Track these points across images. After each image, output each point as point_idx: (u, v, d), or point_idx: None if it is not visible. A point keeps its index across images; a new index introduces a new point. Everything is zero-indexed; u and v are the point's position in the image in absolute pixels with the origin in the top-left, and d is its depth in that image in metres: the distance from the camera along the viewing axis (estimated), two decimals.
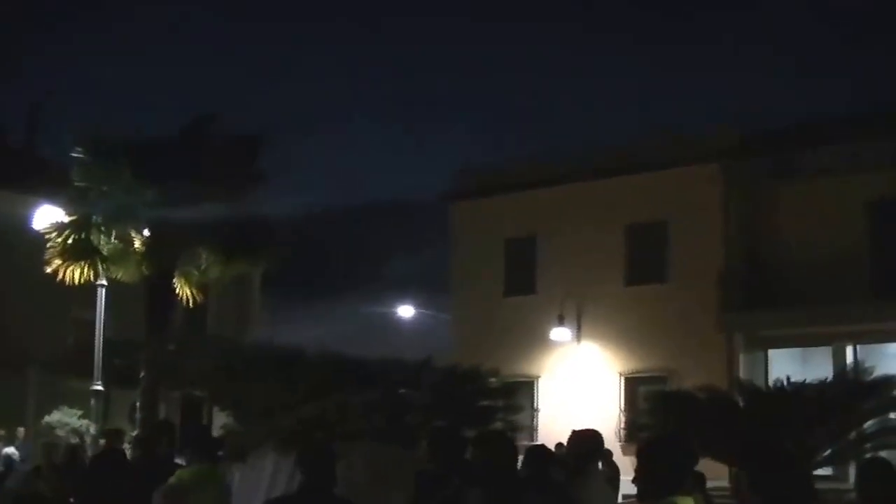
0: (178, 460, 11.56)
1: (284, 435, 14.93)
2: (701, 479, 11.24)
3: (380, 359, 27.87)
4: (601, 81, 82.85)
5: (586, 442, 9.60)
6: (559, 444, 24.65)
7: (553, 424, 31.49)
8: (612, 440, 24.21)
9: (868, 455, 16.73)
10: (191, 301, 25.27)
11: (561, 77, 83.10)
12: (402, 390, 16.50)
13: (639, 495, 6.20)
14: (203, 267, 24.89)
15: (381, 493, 12.28)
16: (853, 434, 19.04)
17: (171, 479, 10.08)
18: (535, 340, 33.97)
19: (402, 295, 43.55)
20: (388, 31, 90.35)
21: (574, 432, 9.73)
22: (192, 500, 9.90)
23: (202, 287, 25.55)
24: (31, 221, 25.44)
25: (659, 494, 5.99)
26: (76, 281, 23.53)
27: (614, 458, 23.40)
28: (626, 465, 19.49)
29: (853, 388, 19.07)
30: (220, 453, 12.62)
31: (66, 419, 33.46)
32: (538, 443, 12.77)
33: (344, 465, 9.59)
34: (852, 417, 18.85)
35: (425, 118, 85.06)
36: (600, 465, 12.25)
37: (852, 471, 28.09)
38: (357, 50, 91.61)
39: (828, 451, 18.68)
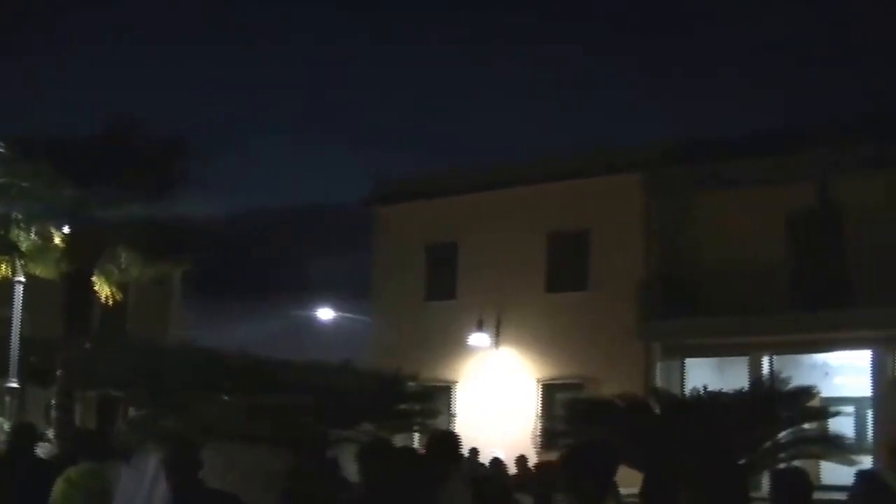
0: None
1: (163, 435, 14.85)
2: (613, 485, 11.34)
3: (299, 362, 27.93)
4: (527, 90, 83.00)
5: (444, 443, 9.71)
6: (474, 450, 24.83)
7: (470, 430, 31.59)
8: (528, 446, 24.37)
9: (782, 465, 16.92)
10: (110, 300, 25.14)
11: (488, 86, 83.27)
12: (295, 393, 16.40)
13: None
14: (123, 266, 24.77)
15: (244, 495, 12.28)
16: (769, 443, 19.25)
17: (59, 478, 10.26)
18: (454, 345, 34.02)
19: (325, 299, 43.51)
20: (319, 37, 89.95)
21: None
22: (77, 498, 10.06)
23: (122, 286, 25.43)
24: None
25: (583, 498, 6.06)
26: None
27: (529, 465, 23.56)
28: None
29: (769, 398, 19.28)
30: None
31: None
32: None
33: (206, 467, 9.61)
34: (768, 427, 19.04)
35: (350, 123, 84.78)
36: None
37: (766, 480, 28.63)
38: (286, 54, 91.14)
39: (743, 461, 18.85)
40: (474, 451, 23.56)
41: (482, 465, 24.38)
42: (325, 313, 43.20)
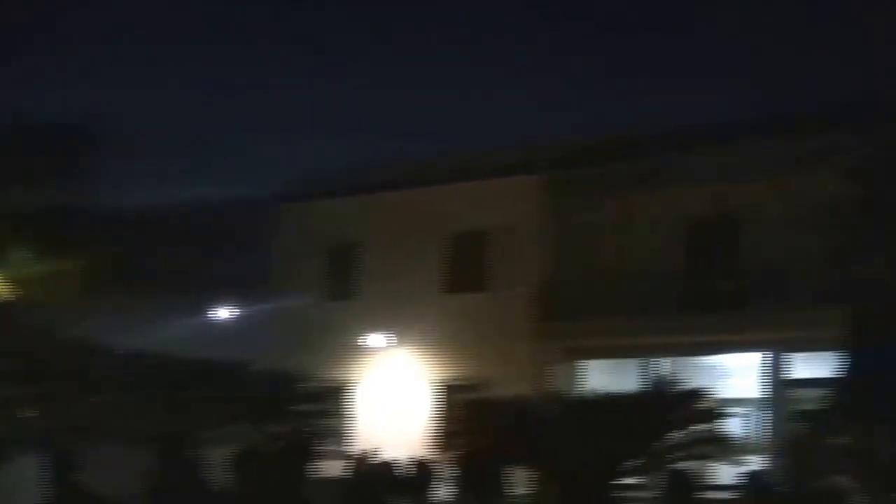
0: None
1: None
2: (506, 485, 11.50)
3: (197, 360, 27.75)
4: (427, 91, 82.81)
5: None
6: (372, 451, 24.76)
7: (366, 431, 31.57)
8: (424, 448, 24.37)
9: (672, 466, 17.05)
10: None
11: (387, 87, 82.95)
12: None
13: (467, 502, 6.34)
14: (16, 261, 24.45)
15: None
16: (660, 445, 19.44)
17: None
18: (353, 346, 33.88)
19: (226, 296, 43.10)
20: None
21: None
22: None
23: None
24: None
25: (473, 499, 6.14)
26: None
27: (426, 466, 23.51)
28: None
29: (663, 400, 19.48)
30: None
31: None
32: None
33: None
34: (661, 428, 19.23)
35: (253, 120, 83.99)
36: None
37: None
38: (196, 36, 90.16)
39: (637, 462, 19.00)
40: (371, 453, 23.48)
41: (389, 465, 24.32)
42: (228, 311, 42.83)
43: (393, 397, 33.49)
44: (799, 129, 29.08)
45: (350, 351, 33.97)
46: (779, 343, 28.73)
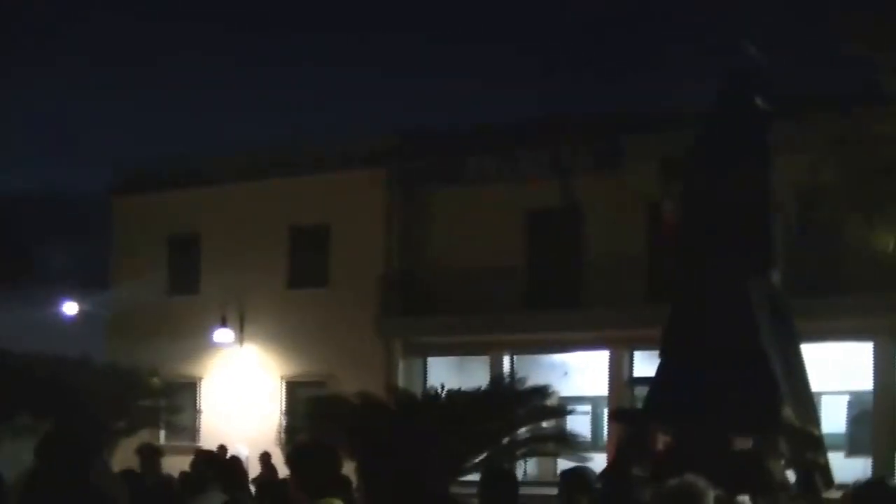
0: None
1: None
2: (347, 482, 11.30)
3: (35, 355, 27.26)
4: (271, 86, 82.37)
5: None
6: (221, 447, 24.55)
7: (216, 426, 31.31)
8: (272, 443, 24.23)
9: (494, 464, 17.08)
10: None
11: (229, 77, 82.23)
12: None
13: (293, 499, 6.39)
14: None
15: None
16: (506, 441, 19.57)
17: None
18: (199, 341, 33.45)
19: (64, 290, 42.31)
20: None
21: None
22: None
23: None
24: None
25: (312, 496, 6.18)
26: None
27: (273, 462, 23.55)
28: (286, 468, 19.57)
29: (507, 397, 19.61)
30: None
31: None
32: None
33: None
34: (505, 424, 19.35)
35: (88, 107, 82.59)
36: None
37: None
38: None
39: (481, 457, 19.07)
40: (222, 449, 23.26)
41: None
42: (69, 307, 42.10)
43: (242, 392, 33.14)
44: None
45: (199, 346, 33.54)
46: (623, 341, 29.05)
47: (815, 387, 28.65)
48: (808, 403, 13.08)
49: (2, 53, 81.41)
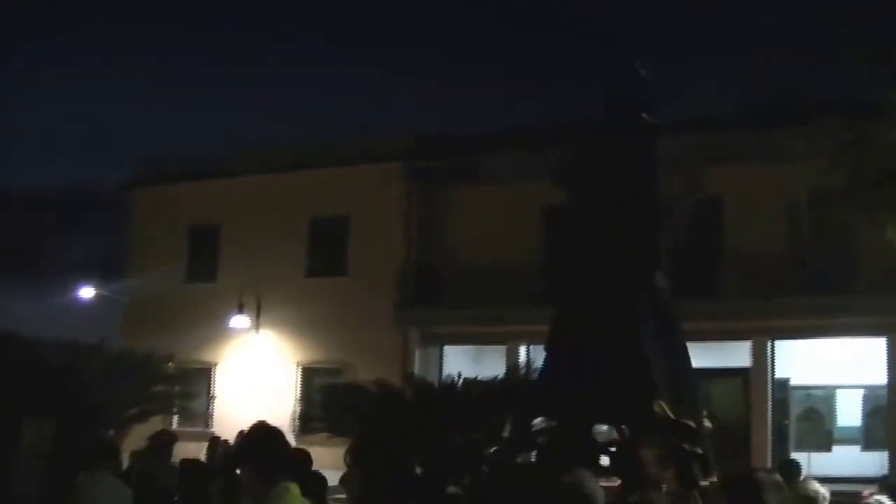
0: None
1: None
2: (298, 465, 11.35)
3: (51, 340, 27.28)
4: (296, 74, 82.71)
5: None
6: (240, 433, 24.64)
7: (230, 412, 31.34)
8: (287, 430, 24.28)
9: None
10: None
11: (255, 73, 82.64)
12: None
13: (248, 485, 6.44)
14: None
15: None
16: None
17: None
18: (215, 328, 33.61)
19: (85, 278, 42.52)
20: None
21: None
22: None
23: None
24: None
25: (271, 479, 6.24)
26: None
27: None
28: None
29: (522, 385, 19.60)
30: None
31: None
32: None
33: None
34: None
35: (116, 104, 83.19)
36: None
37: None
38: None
39: (497, 447, 19.09)
40: (241, 435, 23.28)
41: None
42: (86, 292, 42.27)
43: (257, 379, 33.22)
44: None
45: (215, 332, 33.63)
46: None
47: (831, 381, 28.90)
48: (689, 398, 13.31)
49: (28, 49, 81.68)
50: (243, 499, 7.05)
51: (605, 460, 12.89)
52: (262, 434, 6.85)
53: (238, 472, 7.22)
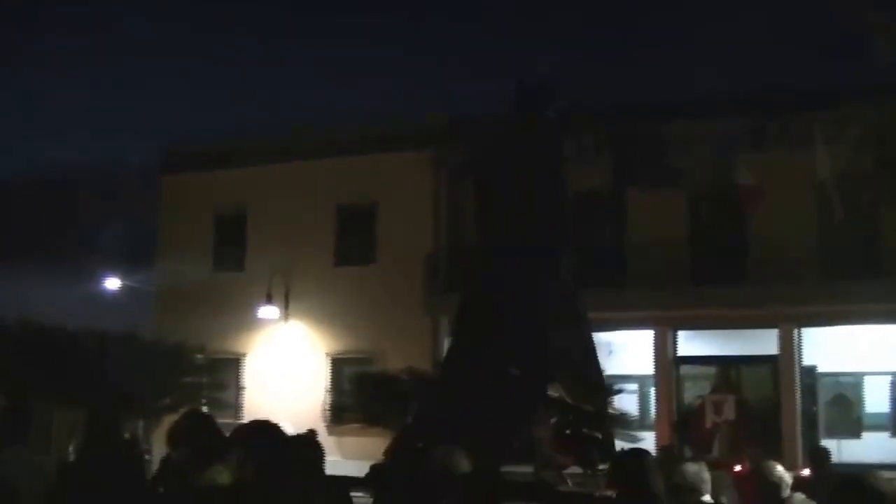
0: None
1: None
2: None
3: (81, 330, 27.43)
4: (320, 65, 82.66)
5: None
6: (238, 427, 24.79)
7: (259, 403, 31.42)
8: (317, 420, 24.38)
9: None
10: None
11: (280, 56, 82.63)
12: None
13: (188, 470, 6.76)
14: None
15: None
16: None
17: None
18: (243, 318, 33.58)
19: (112, 266, 42.62)
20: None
21: None
22: None
23: None
24: None
25: (200, 466, 6.39)
26: None
27: (319, 439, 23.54)
28: (332, 446, 19.70)
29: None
30: None
31: None
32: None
33: None
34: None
35: (136, 86, 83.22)
36: None
37: None
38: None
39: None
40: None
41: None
42: (112, 282, 42.40)
43: (287, 369, 33.26)
44: None
45: (243, 322, 33.67)
46: (666, 320, 29.32)
47: (859, 367, 28.87)
48: (589, 383, 13.47)
49: (54, 33, 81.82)
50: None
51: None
52: (194, 422, 6.98)
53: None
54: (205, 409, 31.31)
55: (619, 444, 14.00)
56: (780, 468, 10.14)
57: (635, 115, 29.47)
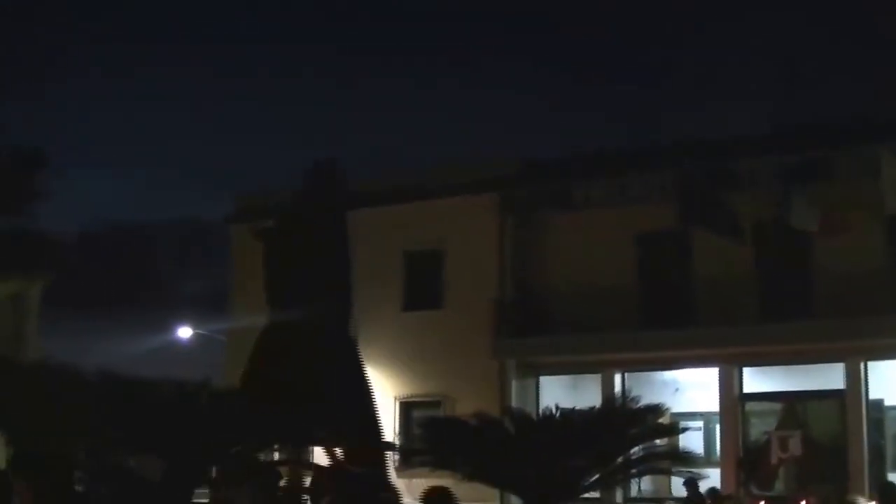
0: None
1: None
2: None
3: (157, 379, 27.85)
4: (387, 110, 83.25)
5: None
6: (315, 465, 25.06)
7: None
8: (389, 464, 24.61)
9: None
10: None
11: (352, 103, 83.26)
12: None
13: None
14: None
15: None
16: (620, 459, 19.77)
17: None
18: None
19: (189, 317, 43.20)
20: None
21: None
22: None
23: None
24: None
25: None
26: None
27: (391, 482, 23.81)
28: (402, 488, 19.90)
29: (620, 415, 19.80)
30: None
31: None
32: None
33: None
34: (619, 443, 19.55)
35: (212, 139, 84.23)
36: None
37: (620, 495, 29.27)
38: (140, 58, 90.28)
39: (595, 476, 19.31)
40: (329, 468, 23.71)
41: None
42: (184, 332, 42.98)
43: None
44: None
45: None
46: (732, 357, 29.35)
47: (889, 401, 28.66)
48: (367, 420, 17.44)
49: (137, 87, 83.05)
50: None
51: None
52: (46, 462, 7.02)
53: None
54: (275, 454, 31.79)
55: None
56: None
57: (701, 152, 29.72)
